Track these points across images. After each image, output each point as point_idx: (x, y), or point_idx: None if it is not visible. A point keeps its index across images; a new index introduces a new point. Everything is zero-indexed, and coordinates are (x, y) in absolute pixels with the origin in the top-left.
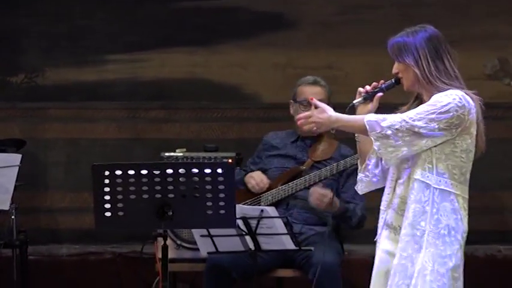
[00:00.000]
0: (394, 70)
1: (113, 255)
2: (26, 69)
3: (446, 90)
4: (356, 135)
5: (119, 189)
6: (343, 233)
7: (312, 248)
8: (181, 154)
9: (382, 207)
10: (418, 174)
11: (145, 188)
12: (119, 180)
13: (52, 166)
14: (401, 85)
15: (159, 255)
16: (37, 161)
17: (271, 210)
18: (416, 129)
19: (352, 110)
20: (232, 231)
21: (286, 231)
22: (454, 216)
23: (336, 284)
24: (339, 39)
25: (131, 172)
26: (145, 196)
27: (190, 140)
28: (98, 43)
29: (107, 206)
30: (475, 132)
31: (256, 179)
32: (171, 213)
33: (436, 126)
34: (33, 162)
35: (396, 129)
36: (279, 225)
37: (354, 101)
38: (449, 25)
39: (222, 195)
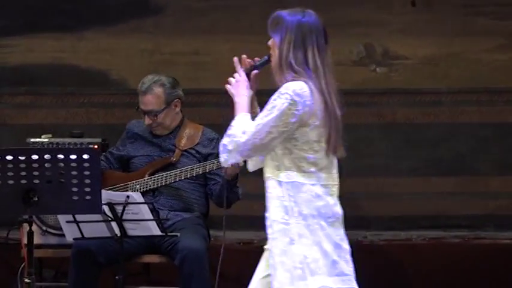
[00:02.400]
0: (270, 43)
1: None
2: None
3: (289, 81)
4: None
5: None
6: (210, 219)
7: (178, 234)
8: (47, 140)
9: None
10: (269, 172)
11: (10, 173)
12: None
13: None
14: None
15: (25, 241)
16: None
17: (137, 196)
18: (262, 142)
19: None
20: (98, 217)
21: (152, 217)
22: (315, 205)
23: (202, 270)
24: (206, 25)
25: None
26: (10, 182)
27: (56, 125)
28: None
29: None
30: (316, 122)
31: None
32: (36, 198)
33: (276, 132)
34: None
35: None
36: (145, 211)
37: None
38: (314, 11)
39: (87, 181)
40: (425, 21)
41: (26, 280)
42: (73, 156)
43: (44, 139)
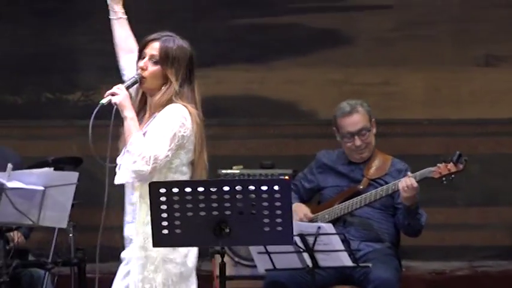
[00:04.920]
0: (143, 65)
1: None
2: (82, 87)
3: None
4: None
5: (176, 206)
6: (401, 250)
7: (370, 265)
8: (238, 171)
9: None
10: (143, 195)
11: (202, 205)
12: (175, 198)
13: (109, 184)
14: None
15: (217, 272)
16: (94, 179)
17: (328, 227)
18: (160, 165)
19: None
20: (290, 248)
21: (343, 248)
22: None
23: None
24: (395, 55)
25: (188, 189)
26: (202, 213)
27: (247, 157)
28: None
29: (164, 223)
30: (190, 146)
31: (300, 214)
32: (228, 230)
33: (170, 154)
34: (90, 179)
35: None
36: (336, 242)
37: (102, 101)
38: (506, 40)
39: (279, 212)
40: None
41: None
42: (264, 188)
43: (235, 170)
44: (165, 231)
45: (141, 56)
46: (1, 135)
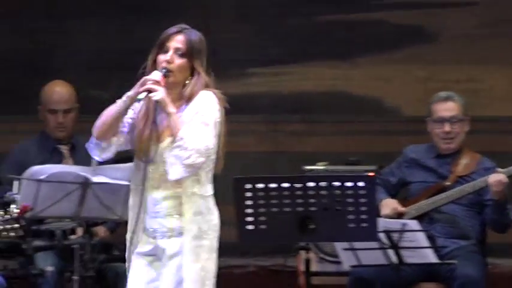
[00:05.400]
0: (169, 59)
1: (257, 269)
2: None
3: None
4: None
5: (261, 202)
6: (486, 247)
7: (456, 262)
8: (322, 167)
9: None
10: (188, 187)
11: (287, 201)
12: (260, 193)
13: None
14: None
15: (302, 268)
16: None
17: (414, 224)
18: (210, 153)
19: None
20: (375, 244)
21: (429, 245)
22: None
23: None
24: (481, 53)
25: (273, 185)
26: (287, 209)
27: (331, 153)
28: (240, 56)
29: (250, 219)
30: (217, 132)
31: (386, 209)
32: (313, 226)
33: (215, 141)
34: None
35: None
36: (422, 239)
37: (139, 96)
38: None
39: (363, 208)
40: None
41: None
42: (349, 184)
43: (319, 167)
44: (251, 227)
45: (162, 50)
46: (87, 130)
